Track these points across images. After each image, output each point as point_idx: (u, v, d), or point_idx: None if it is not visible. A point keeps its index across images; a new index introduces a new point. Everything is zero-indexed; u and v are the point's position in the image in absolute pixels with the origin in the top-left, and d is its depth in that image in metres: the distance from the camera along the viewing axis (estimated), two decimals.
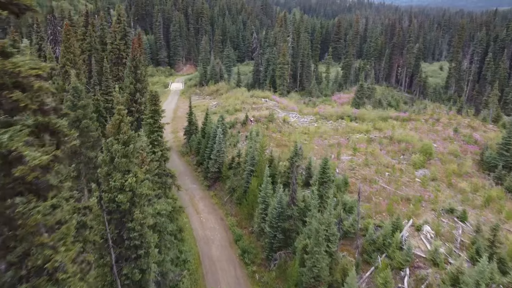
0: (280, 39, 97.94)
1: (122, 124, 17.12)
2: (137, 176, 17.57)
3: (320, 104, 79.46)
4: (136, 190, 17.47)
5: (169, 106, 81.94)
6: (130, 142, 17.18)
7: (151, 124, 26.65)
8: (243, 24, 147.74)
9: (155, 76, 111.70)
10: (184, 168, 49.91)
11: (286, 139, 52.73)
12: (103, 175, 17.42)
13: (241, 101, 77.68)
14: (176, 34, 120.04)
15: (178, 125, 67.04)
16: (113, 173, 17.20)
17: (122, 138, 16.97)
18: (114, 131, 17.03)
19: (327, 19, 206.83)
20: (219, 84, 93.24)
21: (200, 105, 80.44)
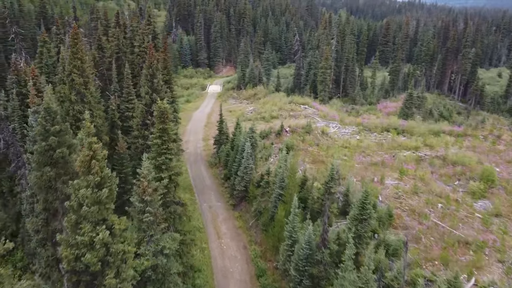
0: (324, 42, 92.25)
1: (94, 162, 12.99)
2: (113, 227, 13.34)
3: (364, 113, 73.21)
4: (111, 247, 13.25)
5: (204, 110, 78.74)
6: (105, 184, 12.98)
7: (159, 145, 22.62)
8: (286, 25, 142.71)
9: (193, 77, 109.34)
10: (211, 182, 45.94)
11: (323, 154, 47.47)
12: (71, 224, 13.36)
13: (278, 107, 72.98)
14: (216, 35, 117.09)
15: (210, 131, 63.34)
16: (82, 223, 13.07)
17: (93, 180, 12.80)
18: (83, 170, 12.91)
19: (375, 21, 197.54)
20: (257, 88, 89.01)
21: (236, 110, 76.58)
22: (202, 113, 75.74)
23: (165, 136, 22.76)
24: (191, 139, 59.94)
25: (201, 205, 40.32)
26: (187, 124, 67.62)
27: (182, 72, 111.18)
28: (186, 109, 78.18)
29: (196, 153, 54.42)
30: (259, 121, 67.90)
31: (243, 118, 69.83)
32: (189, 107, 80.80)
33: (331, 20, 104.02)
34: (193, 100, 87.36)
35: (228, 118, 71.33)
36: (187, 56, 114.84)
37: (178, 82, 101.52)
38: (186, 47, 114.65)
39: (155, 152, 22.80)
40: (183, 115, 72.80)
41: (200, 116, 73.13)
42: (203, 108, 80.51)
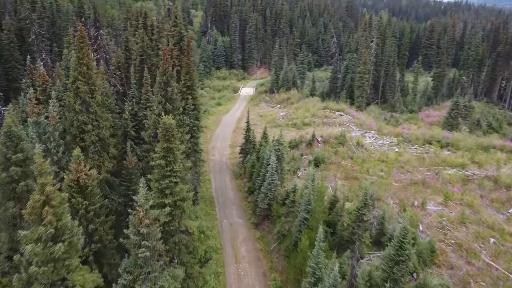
0: (363, 45, 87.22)
1: (46, 210, 9.99)
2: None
3: (404, 122, 67.93)
4: None
5: (235, 114, 75.87)
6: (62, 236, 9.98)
7: (163, 167, 19.63)
8: (324, 27, 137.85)
9: (226, 79, 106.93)
10: (234, 194, 42.81)
11: (357, 169, 43.26)
12: (22, 284, 10.44)
13: (311, 113, 69.04)
14: (252, 36, 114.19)
15: (238, 137, 60.26)
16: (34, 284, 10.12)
17: (45, 233, 9.82)
18: (33, 219, 9.97)
19: (418, 23, 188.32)
20: (290, 92, 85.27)
21: (267, 115, 73.27)
22: (232, 117, 72.89)
23: (170, 156, 19.73)
24: (217, 146, 57.12)
25: (221, 221, 37.25)
26: (216, 129, 64.93)
27: (216, 73, 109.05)
28: (216, 112, 75.64)
29: (221, 161, 51.50)
30: (290, 128, 64.36)
31: (274, 124, 66.50)
32: (219, 110, 78.22)
33: (371, 22, 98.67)
34: (224, 103, 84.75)
35: (258, 123, 68.26)
36: (221, 57, 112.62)
37: (211, 84, 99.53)
38: (221, 48, 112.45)
39: (158, 175, 19.82)
40: (212, 119, 70.37)
41: (230, 120, 70.29)
42: (234, 112, 77.69)
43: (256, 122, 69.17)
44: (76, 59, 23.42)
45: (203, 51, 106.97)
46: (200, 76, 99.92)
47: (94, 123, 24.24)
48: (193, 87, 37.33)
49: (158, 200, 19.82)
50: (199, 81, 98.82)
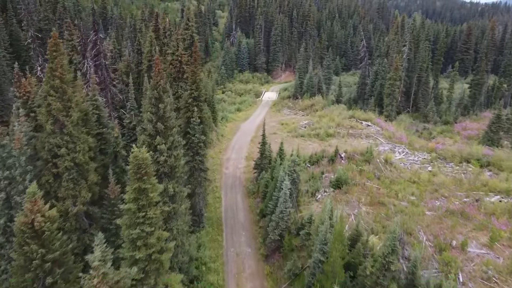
0: (394, 49, 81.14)
1: None
2: None
3: (438, 135, 61.73)
4: None
5: (255, 121, 71.43)
6: None
7: (134, 213, 15.49)
8: (353, 29, 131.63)
9: (249, 83, 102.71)
10: (244, 216, 38.38)
11: (385, 193, 38.03)
12: None
13: (336, 123, 63.90)
14: (277, 38, 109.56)
15: (256, 148, 55.81)
16: None
17: None
18: None
19: (453, 25, 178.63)
20: (315, 98, 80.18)
21: (289, 123, 68.53)
22: (252, 125, 68.49)
23: (142, 199, 15.53)
24: (232, 157, 52.88)
25: (227, 250, 32.92)
26: (232, 138, 60.70)
27: (238, 76, 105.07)
28: (235, 119, 71.46)
29: (235, 176, 47.22)
30: (312, 138, 59.53)
31: (295, 133, 61.77)
32: (239, 117, 74.01)
33: (403, 24, 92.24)
34: (244, 109, 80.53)
35: (278, 132, 63.72)
36: (245, 60, 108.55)
37: (233, 88, 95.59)
38: (244, 50, 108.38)
39: (129, 221, 15.68)
40: (230, 127, 66.28)
41: (249, 128, 65.92)
42: (254, 119, 73.29)
43: (276, 130, 64.68)
44: (48, 70, 19.60)
45: (226, 53, 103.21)
46: (222, 79, 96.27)
47: (70, 145, 20.36)
48: (200, 98, 33.17)
49: (128, 253, 15.66)
50: (221, 84, 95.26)
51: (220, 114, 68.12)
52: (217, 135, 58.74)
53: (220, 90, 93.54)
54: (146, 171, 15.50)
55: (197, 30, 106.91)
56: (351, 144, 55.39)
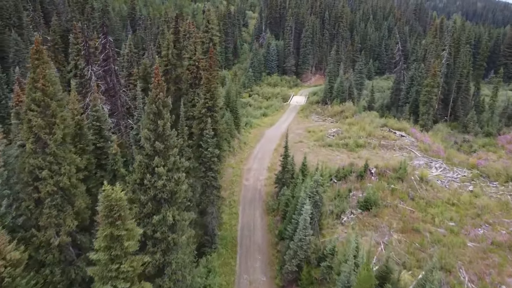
0: (432, 53, 75.65)
1: None
2: None
3: (480, 148, 56.24)
4: None
5: (281, 127, 67.85)
6: None
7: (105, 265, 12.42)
8: (388, 31, 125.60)
9: (277, 86, 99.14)
10: (262, 237, 35.04)
11: (419, 217, 33.79)
12: None
13: (367, 132, 59.49)
14: (307, 40, 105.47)
15: (279, 158, 52.58)
16: None
17: None
18: None
19: (496, 27, 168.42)
20: (345, 104, 75.72)
21: (316, 131, 64.59)
22: (277, 131, 64.93)
23: (116, 248, 12.51)
24: (254, 167, 49.60)
25: (239, 276, 29.69)
26: (255, 146, 57.40)
27: (266, 79, 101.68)
28: (259, 125, 68.10)
29: (255, 188, 43.94)
30: (340, 148, 55.42)
31: (322, 142, 57.81)
32: (264, 122, 70.63)
33: (442, 27, 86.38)
34: (270, 114, 77.10)
35: (305, 140, 59.96)
36: (273, 62, 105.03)
37: (260, 91, 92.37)
38: (273, 52, 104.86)
39: (100, 275, 12.72)
40: (254, 133, 63.04)
41: (273, 135, 62.42)
42: (280, 125, 69.72)
43: (302, 138, 60.94)
44: (30, 82, 16.95)
45: (255, 55, 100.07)
46: (249, 82, 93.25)
47: (53, 167, 17.68)
48: (215, 108, 30.11)
49: None
50: (248, 87, 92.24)
51: (244, 120, 64.98)
52: (239, 143, 55.63)
53: (247, 94, 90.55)
54: (120, 215, 12.49)
55: (222, 32, 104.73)
56: (382, 157, 51.01)
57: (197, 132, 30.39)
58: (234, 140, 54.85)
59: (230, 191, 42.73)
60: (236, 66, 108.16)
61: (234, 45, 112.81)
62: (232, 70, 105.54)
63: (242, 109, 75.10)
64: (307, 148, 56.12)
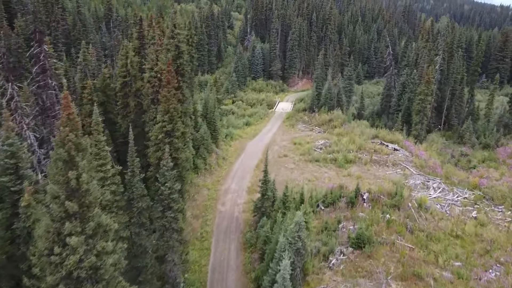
0: (425, 58, 70.86)
1: None
2: None
3: (479, 164, 51.39)
4: None
5: (264, 139, 62.33)
6: None
7: None
8: (377, 34, 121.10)
9: (263, 91, 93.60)
10: (236, 281, 29.43)
11: (420, 256, 28.58)
12: None
13: (357, 145, 54.35)
14: (294, 43, 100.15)
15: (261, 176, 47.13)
16: None
17: None
18: None
19: (484, 30, 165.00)
20: (333, 112, 70.51)
21: (303, 143, 59.26)
22: (260, 144, 59.38)
23: None
24: (232, 188, 44.02)
25: None
26: (235, 161, 51.83)
27: (251, 84, 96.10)
28: (241, 136, 62.48)
29: (231, 216, 38.33)
30: (328, 164, 50.30)
31: (309, 157, 52.48)
32: (247, 133, 65.03)
33: (433, 30, 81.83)
34: (254, 123, 71.57)
35: (290, 154, 54.63)
36: (259, 66, 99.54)
37: (244, 97, 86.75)
38: (259, 55, 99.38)
39: None
40: (235, 146, 57.48)
41: (256, 149, 56.89)
42: (263, 136, 64.16)
43: (287, 151, 55.56)
44: None
45: (239, 58, 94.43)
46: (233, 87, 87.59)
47: None
48: (175, 133, 24.46)
49: None
50: (231, 93, 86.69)
51: (224, 131, 59.31)
52: (217, 159, 50.01)
53: (230, 100, 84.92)
54: None
55: (205, 34, 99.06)
56: (374, 174, 45.95)
57: (154, 161, 24.76)
58: (212, 156, 49.23)
59: (203, 219, 37.13)
60: (220, 70, 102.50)
61: (218, 48, 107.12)
62: (215, 74, 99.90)
63: (224, 117, 69.58)
64: (292, 164, 50.80)
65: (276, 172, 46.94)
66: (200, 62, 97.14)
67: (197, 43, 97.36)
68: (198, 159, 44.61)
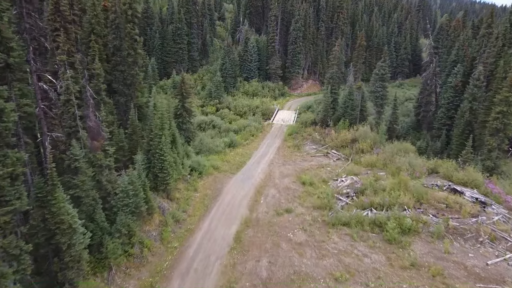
0: (491, 51, 47.22)
1: None
2: None
3: None
4: None
5: (254, 172, 38.66)
6: None
7: None
8: (397, 26, 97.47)
9: (257, 95, 70.07)
10: None
11: None
12: None
13: (413, 193, 30.47)
14: (298, 34, 76.51)
15: (242, 267, 23.31)
16: None
17: None
18: None
19: None
20: (356, 128, 46.79)
21: (315, 181, 35.88)
22: (247, 185, 35.53)
23: None
24: None
25: None
26: (197, 229, 27.69)
27: (243, 86, 72.47)
28: (219, 168, 38.52)
29: None
30: (368, 233, 26.64)
31: (330, 216, 28.83)
32: (229, 161, 41.26)
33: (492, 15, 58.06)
34: (242, 143, 47.95)
35: (296, 206, 31.34)
36: (253, 64, 75.84)
37: (232, 104, 63.22)
38: (253, 50, 75.68)
39: None
40: (205, 190, 33.85)
41: (239, 195, 33.11)
42: (254, 167, 40.28)
43: (291, 200, 32.41)
44: None
45: (227, 53, 70.79)
46: (218, 90, 63.93)
47: None
48: None
49: None
50: (215, 98, 63.07)
51: (189, 162, 35.40)
52: (162, 227, 26.12)
53: (213, 107, 61.41)
54: None
55: (183, 23, 75.61)
56: (464, 266, 22.34)
57: None
58: (150, 223, 25.41)
59: None
60: (204, 68, 78.82)
61: (202, 41, 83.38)
62: (198, 73, 76.29)
63: (199, 134, 45.97)
64: (300, 231, 27.26)
65: (270, 255, 23.66)
66: (177, 58, 73.62)
67: (174, 33, 74.43)
68: (111, 242, 20.96)
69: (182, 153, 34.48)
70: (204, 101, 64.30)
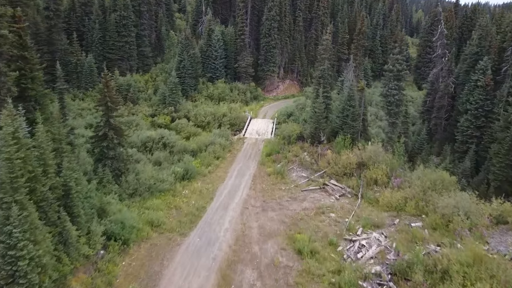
0: None
1: None
2: None
3: None
4: None
5: (218, 221, 23.75)
6: None
7: None
8: (383, 18, 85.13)
9: (224, 100, 55.40)
10: None
11: None
12: None
13: (490, 274, 16.19)
14: (271, 25, 62.22)
15: None
16: None
17: None
18: None
19: None
20: (361, 146, 32.72)
21: (320, 249, 21.37)
22: (203, 264, 20.76)
23: None
24: None
25: None
26: None
27: (206, 89, 57.50)
28: (161, 225, 23.45)
29: None
30: None
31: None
32: (180, 205, 26.36)
33: None
34: (203, 171, 32.98)
35: None
36: (218, 61, 60.81)
37: (191, 112, 48.42)
38: (218, 45, 60.67)
39: None
40: (137, 266, 18.24)
41: (188, 282, 18.39)
42: (219, 217, 25.52)
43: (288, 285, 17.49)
44: None
45: (185, 48, 55.61)
46: (173, 95, 48.69)
47: None
48: None
49: None
50: (169, 105, 47.99)
51: (99, 230, 19.83)
52: None
53: (167, 116, 46.31)
54: None
55: (131, 11, 59.99)
56: None
57: None
58: None
59: None
60: (159, 66, 63.13)
61: (157, 35, 67.64)
62: (150, 73, 60.62)
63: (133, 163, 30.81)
64: None
65: None
66: (123, 54, 57.76)
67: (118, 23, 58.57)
68: None
69: (89, 212, 19.28)
70: (156, 109, 49.07)
